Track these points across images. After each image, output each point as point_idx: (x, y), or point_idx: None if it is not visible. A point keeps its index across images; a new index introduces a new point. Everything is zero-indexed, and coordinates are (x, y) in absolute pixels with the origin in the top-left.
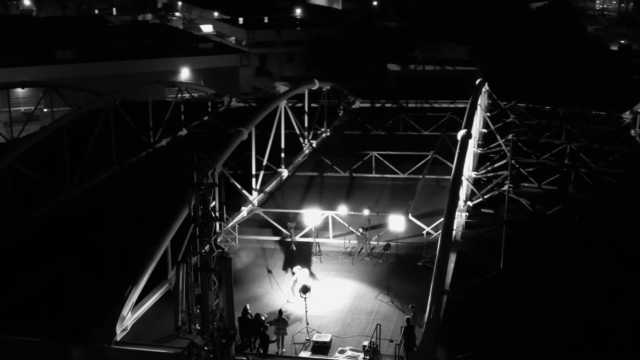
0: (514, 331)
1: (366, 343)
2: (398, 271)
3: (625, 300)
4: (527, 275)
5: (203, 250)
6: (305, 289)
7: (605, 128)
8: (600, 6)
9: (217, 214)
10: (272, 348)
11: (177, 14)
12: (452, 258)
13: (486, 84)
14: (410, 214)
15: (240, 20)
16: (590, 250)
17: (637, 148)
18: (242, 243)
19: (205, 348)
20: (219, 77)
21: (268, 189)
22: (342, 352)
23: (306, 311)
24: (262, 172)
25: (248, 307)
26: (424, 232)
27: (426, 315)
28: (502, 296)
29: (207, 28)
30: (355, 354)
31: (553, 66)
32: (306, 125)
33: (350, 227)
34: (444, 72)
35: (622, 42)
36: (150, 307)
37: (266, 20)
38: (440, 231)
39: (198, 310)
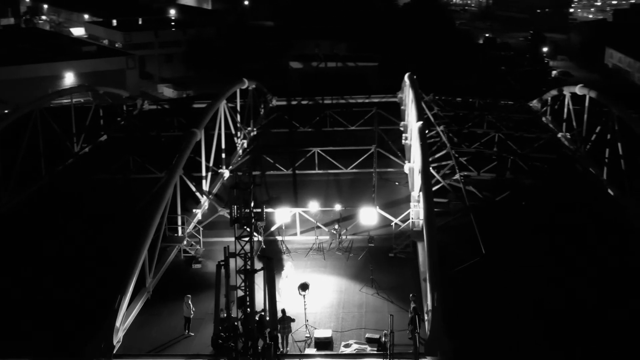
0: (505, 315)
1: (369, 335)
2: (372, 263)
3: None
4: (506, 260)
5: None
6: (304, 286)
7: (520, 116)
8: (462, 1)
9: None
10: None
11: (44, 17)
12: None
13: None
14: (377, 207)
15: (114, 22)
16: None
17: (554, 133)
18: (207, 246)
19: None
20: (105, 81)
21: (215, 190)
22: (347, 346)
23: (305, 308)
24: (210, 174)
25: None
26: (392, 223)
27: (429, 303)
28: (493, 281)
29: (78, 31)
30: (362, 346)
31: (434, 59)
32: (238, 124)
33: (318, 223)
34: (346, 68)
35: (487, 35)
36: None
37: (140, 22)
38: (408, 222)
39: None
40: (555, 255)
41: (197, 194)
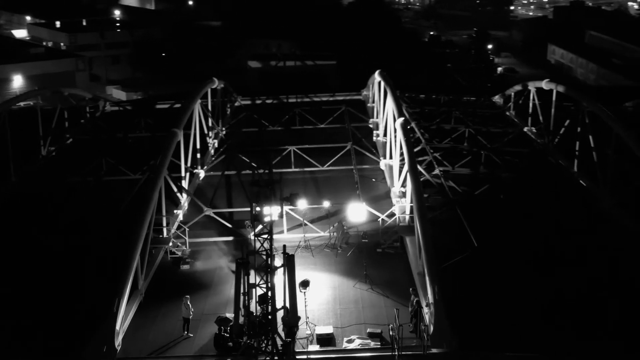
0: (503, 305)
1: (370, 330)
2: (361, 259)
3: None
4: (497, 251)
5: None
6: (305, 284)
7: (485, 111)
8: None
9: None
10: None
11: None
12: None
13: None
14: (365, 203)
15: (58, 23)
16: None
17: (520, 128)
18: (193, 246)
19: (263, 349)
20: (55, 84)
21: (192, 190)
22: (350, 341)
23: (305, 305)
24: (188, 174)
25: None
26: (379, 219)
27: (429, 296)
28: (487, 273)
29: (20, 33)
30: (365, 341)
31: (385, 57)
32: (211, 124)
33: (305, 221)
34: (305, 66)
35: (432, 33)
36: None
37: (85, 23)
38: (395, 217)
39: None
40: (542, 245)
41: (178, 194)
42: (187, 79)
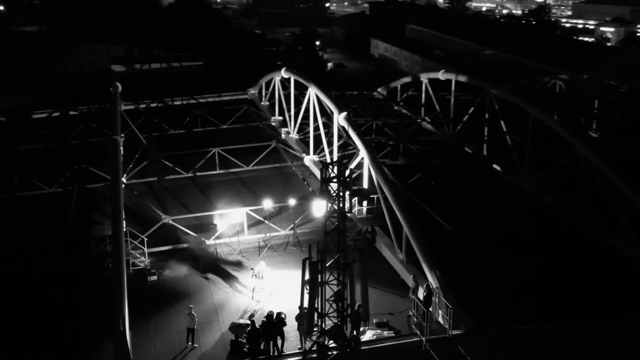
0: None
1: (377, 320)
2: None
3: None
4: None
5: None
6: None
7: (376, 104)
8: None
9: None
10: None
11: None
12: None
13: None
14: None
15: None
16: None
17: (414, 118)
18: (151, 256)
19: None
20: None
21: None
22: (362, 333)
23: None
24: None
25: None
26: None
27: (432, 281)
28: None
29: None
30: (377, 331)
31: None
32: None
33: (267, 221)
34: (170, 68)
35: (256, 31)
36: None
37: None
38: (353, 210)
39: (334, 308)
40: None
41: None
42: (8, 90)
